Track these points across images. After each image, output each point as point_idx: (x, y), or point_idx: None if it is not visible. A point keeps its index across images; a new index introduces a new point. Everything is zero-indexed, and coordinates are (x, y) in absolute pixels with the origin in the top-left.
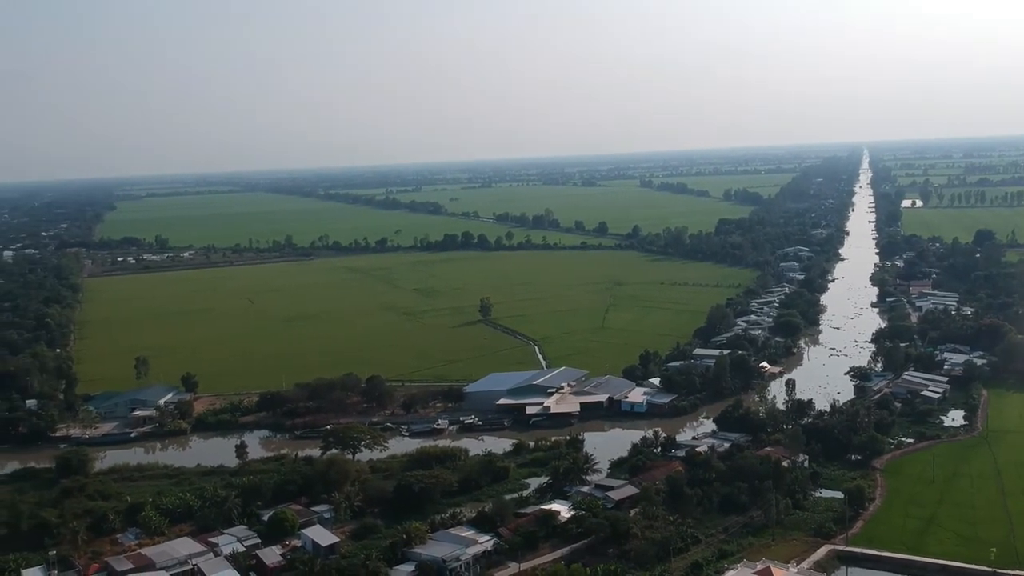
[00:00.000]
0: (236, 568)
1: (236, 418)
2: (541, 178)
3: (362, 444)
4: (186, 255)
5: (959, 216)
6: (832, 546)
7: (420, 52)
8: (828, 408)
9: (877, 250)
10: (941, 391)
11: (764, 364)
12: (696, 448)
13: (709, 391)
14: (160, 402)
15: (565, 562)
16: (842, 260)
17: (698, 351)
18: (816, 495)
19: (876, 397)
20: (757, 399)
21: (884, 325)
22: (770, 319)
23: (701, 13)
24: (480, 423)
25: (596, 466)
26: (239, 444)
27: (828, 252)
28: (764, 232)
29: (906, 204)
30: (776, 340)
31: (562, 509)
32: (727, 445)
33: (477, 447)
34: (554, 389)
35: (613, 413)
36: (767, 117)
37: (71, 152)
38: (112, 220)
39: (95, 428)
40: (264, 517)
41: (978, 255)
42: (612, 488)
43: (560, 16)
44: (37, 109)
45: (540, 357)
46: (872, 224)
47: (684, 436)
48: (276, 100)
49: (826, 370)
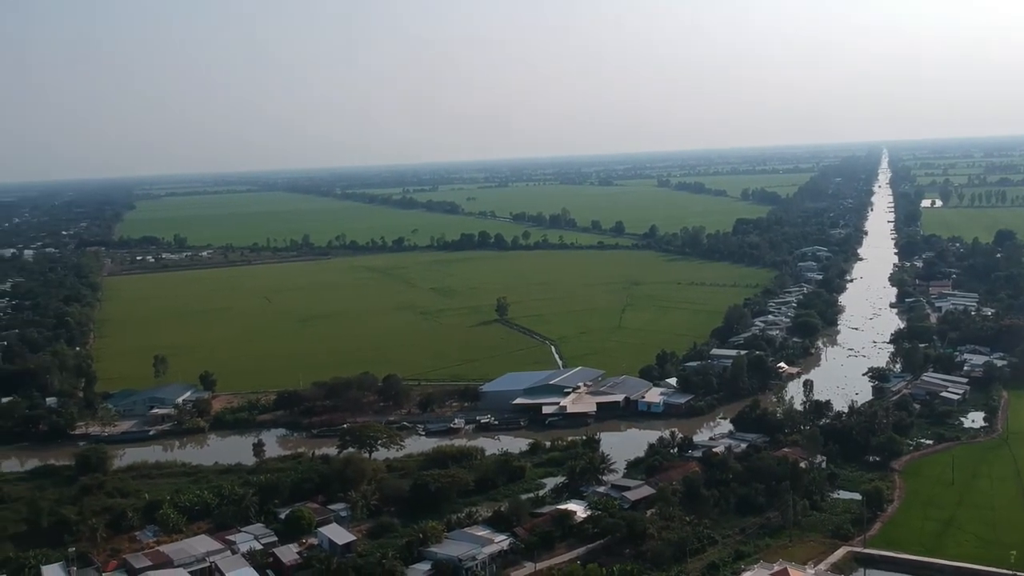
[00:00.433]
0: (253, 566)
1: (253, 416)
2: (558, 177)
3: (379, 443)
4: (204, 254)
5: (979, 216)
6: (850, 548)
7: (438, 52)
8: (846, 409)
9: (896, 250)
10: (961, 392)
11: (782, 364)
12: (713, 449)
13: (726, 391)
14: (178, 400)
15: (581, 562)
16: (861, 260)
17: (715, 351)
18: (834, 496)
19: (895, 398)
20: (774, 400)
21: (903, 326)
22: (788, 319)
23: (721, 13)
24: (496, 423)
25: (612, 466)
26: (256, 442)
27: (846, 252)
28: (782, 232)
29: (925, 204)
30: (794, 340)
31: (578, 509)
32: (744, 446)
33: (493, 447)
34: (570, 389)
35: (630, 413)
36: (785, 116)
37: (91, 152)
38: (131, 219)
39: (114, 426)
40: (281, 515)
41: (999, 255)
42: (628, 488)
43: (579, 17)
44: (58, 109)
45: (556, 357)
46: (891, 224)
47: (701, 436)
48: (294, 100)
49: (844, 371)
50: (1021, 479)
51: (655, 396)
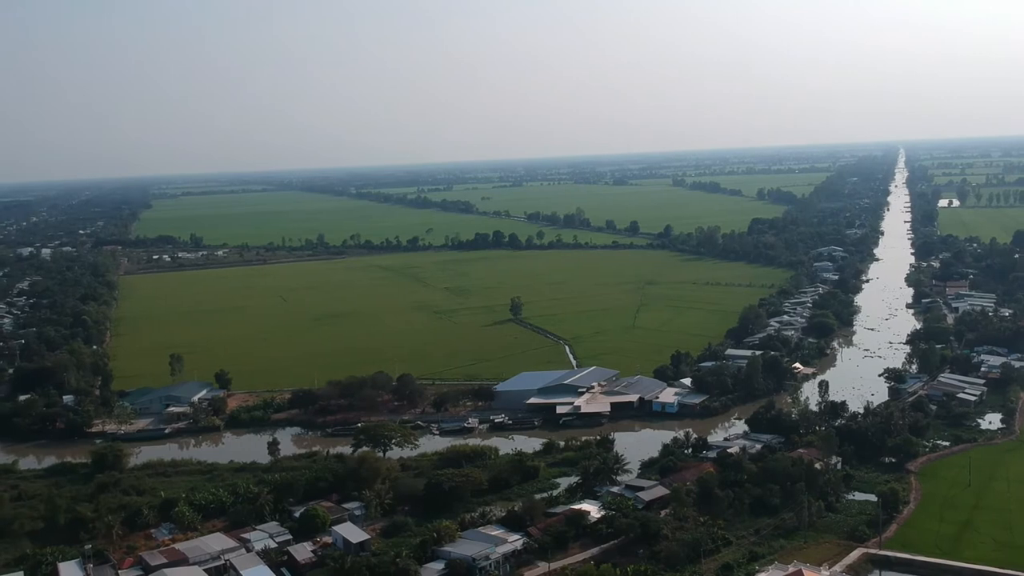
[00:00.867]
0: (268, 564)
1: (268, 415)
2: (572, 177)
3: (393, 442)
4: (220, 253)
5: (997, 216)
6: (865, 549)
7: (453, 52)
8: (862, 410)
9: (913, 250)
10: (978, 394)
11: (797, 365)
12: (727, 449)
13: (741, 392)
14: (194, 399)
15: (595, 562)
16: (877, 260)
17: (730, 351)
18: (849, 498)
19: (911, 399)
20: (790, 400)
21: (919, 326)
22: (803, 320)
23: (738, 13)
24: (510, 422)
25: (626, 466)
26: (271, 441)
27: (862, 252)
28: (797, 232)
29: (943, 204)
30: (809, 341)
31: (592, 509)
32: (759, 446)
33: (507, 446)
34: (585, 389)
35: (644, 413)
36: (801, 116)
37: (108, 151)
38: (148, 218)
39: (130, 424)
40: (296, 514)
41: (1017, 256)
42: (643, 488)
43: (595, 16)
44: (75, 109)
45: (571, 356)
46: (908, 224)
47: (715, 437)
48: (310, 100)
49: (860, 371)
50: None
51: (669, 396)
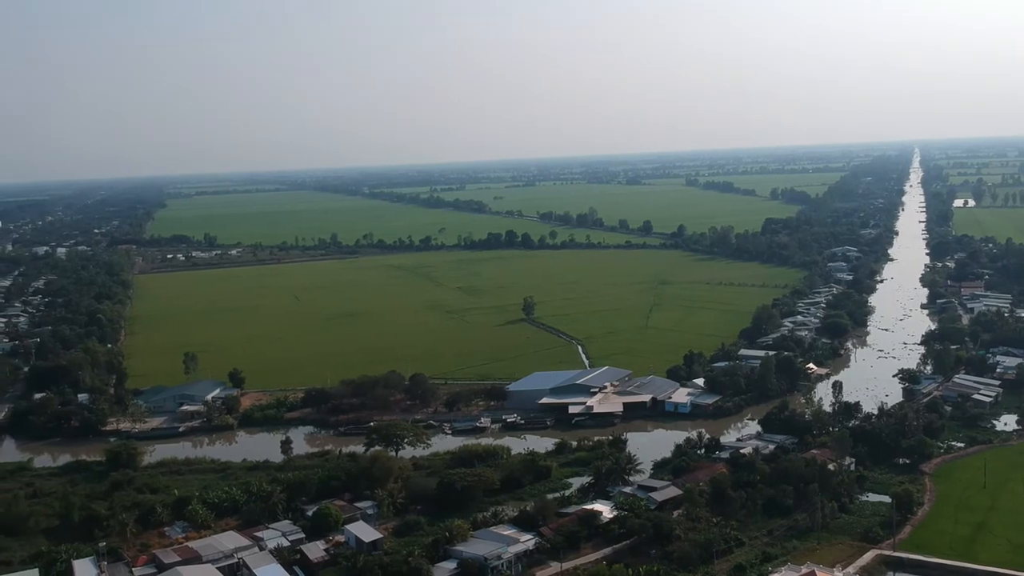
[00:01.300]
0: (281, 562)
1: (282, 414)
2: (585, 176)
3: (405, 441)
4: (234, 252)
5: (1013, 216)
6: (879, 551)
7: (467, 52)
8: (876, 411)
9: (927, 250)
10: (993, 395)
11: (810, 365)
12: (741, 450)
13: (754, 392)
14: (208, 397)
15: (607, 562)
16: (891, 261)
17: (743, 352)
18: (862, 499)
19: (925, 400)
20: (803, 401)
21: (934, 327)
22: (817, 320)
23: (751, 12)
24: (523, 422)
25: (639, 466)
26: (284, 440)
27: (877, 252)
28: (811, 232)
29: (958, 204)
30: (823, 341)
31: (604, 509)
32: (772, 447)
33: (519, 446)
34: (597, 388)
35: (657, 413)
36: (815, 115)
37: (123, 151)
38: (162, 218)
39: (144, 422)
40: (308, 512)
41: None
42: (655, 489)
43: (609, 16)
44: (90, 110)
45: (583, 356)
46: (922, 224)
47: (728, 437)
48: (323, 100)
49: (874, 372)
50: None
51: (682, 396)
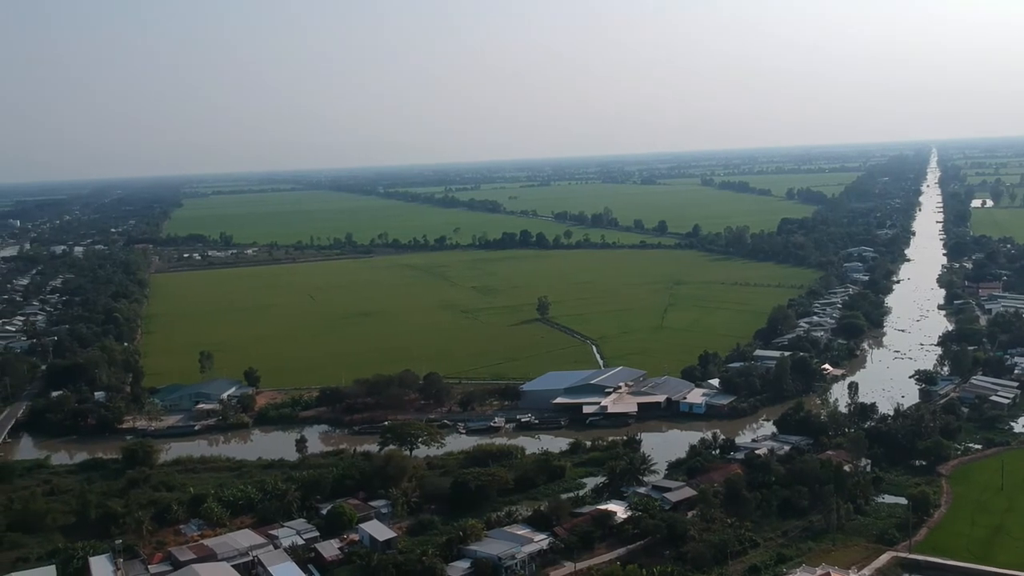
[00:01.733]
0: (295, 560)
1: (296, 413)
2: (600, 176)
3: (419, 441)
4: (250, 252)
5: None
6: (895, 553)
7: (482, 53)
8: (892, 412)
9: (945, 251)
10: (1011, 396)
11: (826, 366)
12: (755, 451)
13: (769, 393)
14: (223, 396)
15: (621, 563)
16: (908, 261)
17: (759, 352)
18: (878, 501)
19: (942, 402)
20: (819, 402)
21: (951, 328)
22: (833, 320)
23: (767, 11)
24: (537, 422)
25: (653, 467)
26: (299, 438)
27: (893, 253)
28: (827, 232)
29: (976, 204)
30: (839, 342)
31: (618, 509)
32: (787, 448)
33: (533, 446)
34: (611, 389)
35: (671, 414)
36: (832, 115)
37: (140, 151)
38: (179, 217)
39: (160, 420)
40: (323, 511)
41: None
42: (669, 489)
43: (624, 16)
44: (108, 109)
45: (597, 356)
46: (940, 224)
47: (743, 438)
48: (339, 100)
49: (890, 373)
50: None
51: (697, 397)
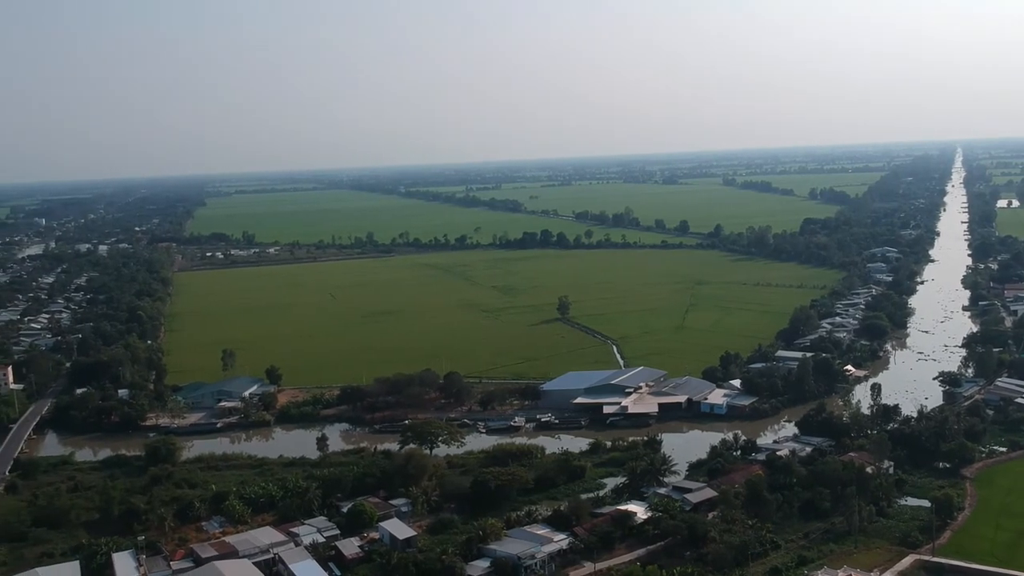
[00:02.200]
0: (316, 558)
1: (317, 411)
2: (622, 176)
3: (439, 439)
4: (271, 251)
5: None
6: (918, 556)
7: (503, 53)
8: (915, 414)
9: (970, 251)
10: None
11: (849, 367)
12: (777, 452)
13: (791, 394)
14: (245, 394)
15: (641, 563)
16: (932, 262)
17: (780, 353)
18: (901, 503)
19: (967, 404)
20: (841, 403)
21: (976, 329)
22: (856, 321)
23: (790, 9)
24: (557, 421)
25: (674, 468)
26: (320, 436)
27: (917, 253)
28: (851, 232)
29: (1001, 204)
30: (862, 343)
31: (639, 510)
32: (809, 449)
33: (553, 445)
34: (632, 389)
35: (692, 414)
36: (856, 114)
37: (164, 150)
38: (202, 216)
39: (183, 418)
40: (343, 509)
41: None
42: (690, 490)
43: (646, 15)
44: (131, 109)
45: (618, 356)
46: (964, 225)
47: (765, 439)
48: (360, 99)
49: (914, 375)
50: None
51: (718, 398)
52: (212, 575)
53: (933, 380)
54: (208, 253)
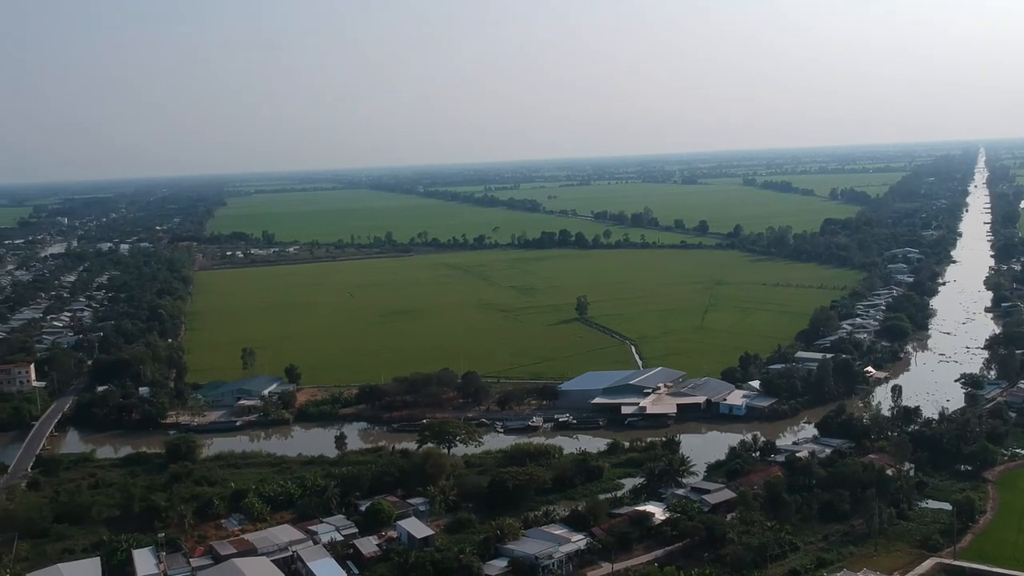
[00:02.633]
0: (334, 556)
1: (336, 410)
2: (641, 176)
3: (457, 439)
4: (291, 250)
5: None
6: (939, 559)
7: (523, 52)
8: (936, 416)
9: (992, 252)
10: None
11: (869, 369)
12: (796, 453)
13: (811, 395)
14: (264, 392)
15: (659, 564)
16: (954, 263)
17: (800, 354)
18: (922, 506)
19: (989, 406)
20: (861, 405)
21: (999, 331)
22: (876, 322)
23: (808, 10)
24: (575, 421)
25: (692, 468)
26: (339, 435)
27: (939, 254)
28: (871, 233)
29: None
30: (882, 344)
31: (657, 511)
32: (828, 451)
33: (571, 446)
34: (650, 389)
35: (711, 415)
36: (877, 114)
37: (185, 150)
38: (222, 215)
39: (203, 416)
40: (361, 507)
41: None
42: (708, 491)
43: (669, 15)
44: (153, 110)
45: (636, 357)
46: (987, 225)
47: (784, 441)
48: (380, 99)
49: (935, 376)
50: None
51: (737, 398)
52: (231, 572)
53: (955, 382)
54: (228, 252)
